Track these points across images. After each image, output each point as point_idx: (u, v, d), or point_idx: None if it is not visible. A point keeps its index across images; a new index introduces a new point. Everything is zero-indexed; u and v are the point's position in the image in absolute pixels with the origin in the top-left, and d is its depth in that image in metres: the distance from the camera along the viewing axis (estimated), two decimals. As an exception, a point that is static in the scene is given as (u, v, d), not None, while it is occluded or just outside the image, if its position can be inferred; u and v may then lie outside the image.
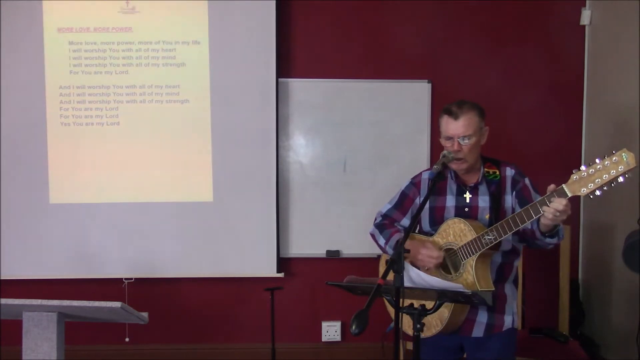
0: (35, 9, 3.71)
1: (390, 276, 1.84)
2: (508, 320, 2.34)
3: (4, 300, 2.10)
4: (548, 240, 2.16)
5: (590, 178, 1.95)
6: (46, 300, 2.11)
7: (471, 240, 2.20)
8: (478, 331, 2.31)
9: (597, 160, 1.94)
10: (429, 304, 2.04)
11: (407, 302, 1.96)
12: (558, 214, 1.99)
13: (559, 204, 1.98)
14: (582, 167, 1.97)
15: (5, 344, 3.67)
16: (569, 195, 1.99)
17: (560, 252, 3.40)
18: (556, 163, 3.91)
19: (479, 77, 3.90)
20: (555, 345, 3.15)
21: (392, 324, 2.42)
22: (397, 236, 2.40)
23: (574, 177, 1.99)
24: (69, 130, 3.77)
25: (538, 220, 2.09)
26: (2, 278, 3.74)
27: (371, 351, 3.93)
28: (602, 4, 3.79)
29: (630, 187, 3.25)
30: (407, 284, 1.87)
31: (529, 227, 2.17)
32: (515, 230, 2.12)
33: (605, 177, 1.92)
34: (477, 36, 3.92)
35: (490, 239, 2.16)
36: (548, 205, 2.01)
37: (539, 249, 2.32)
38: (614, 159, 1.91)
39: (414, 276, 1.98)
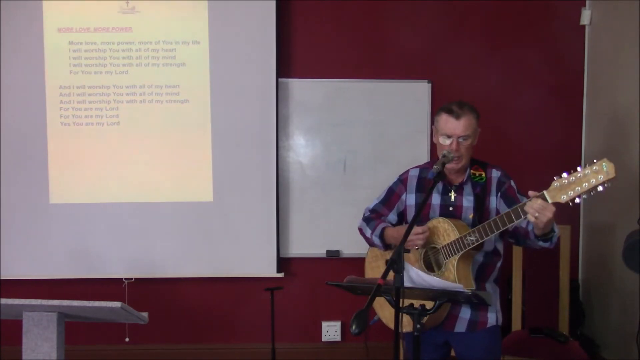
0: (35, 9, 3.70)
1: (390, 276, 1.85)
2: (492, 318, 2.40)
3: (4, 300, 2.10)
4: (540, 243, 2.23)
5: (570, 186, 2.00)
6: (46, 300, 2.10)
7: (454, 240, 2.27)
8: (460, 327, 2.37)
9: (578, 169, 1.99)
10: (429, 304, 2.04)
11: (407, 302, 1.96)
12: (537, 214, 2.04)
13: (533, 202, 2.05)
14: (564, 174, 2.03)
15: (5, 344, 3.67)
16: (550, 201, 2.05)
17: (560, 252, 3.40)
18: (556, 163, 3.91)
19: (479, 77, 3.91)
20: (555, 345, 3.15)
21: (376, 317, 2.47)
22: (382, 225, 2.48)
23: (555, 184, 2.04)
24: (69, 130, 3.77)
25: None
26: (2, 278, 3.74)
27: (371, 351, 3.93)
28: (602, 4, 3.79)
29: (630, 187, 3.26)
30: (407, 284, 1.88)
31: (524, 226, 2.24)
32: (497, 232, 2.19)
33: (585, 186, 1.97)
34: (477, 36, 3.92)
35: (473, 240, 2.22)
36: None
37: (538, 250, 2.35)
38: (594, 167, 1.95)
39: (414, 276, 1.99)
